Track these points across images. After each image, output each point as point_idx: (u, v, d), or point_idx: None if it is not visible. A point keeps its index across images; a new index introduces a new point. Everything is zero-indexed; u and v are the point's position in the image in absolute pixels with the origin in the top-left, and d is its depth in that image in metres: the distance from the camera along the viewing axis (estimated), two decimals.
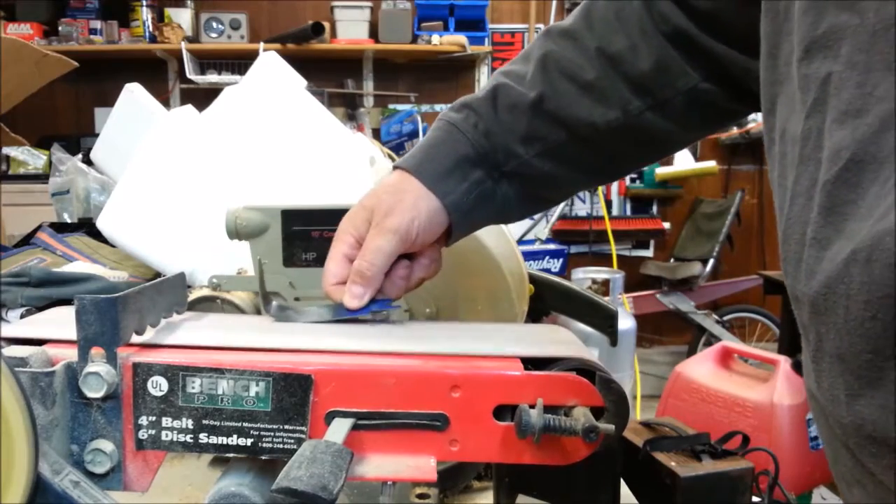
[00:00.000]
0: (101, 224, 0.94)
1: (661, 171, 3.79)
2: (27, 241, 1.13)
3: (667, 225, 3.85)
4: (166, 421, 0.42)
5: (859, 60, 0.35)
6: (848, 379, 0.35)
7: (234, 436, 0.42)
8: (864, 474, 0.37)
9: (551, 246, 3.28)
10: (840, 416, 0.36)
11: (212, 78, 3.55)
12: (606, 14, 0.61)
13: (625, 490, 0.67)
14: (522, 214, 0.66)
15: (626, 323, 2.67)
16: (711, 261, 3.56)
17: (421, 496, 0.65)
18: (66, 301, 0.79)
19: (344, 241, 0.58)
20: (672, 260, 3.81)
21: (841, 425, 0.36)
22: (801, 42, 0.39)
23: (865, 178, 0.34)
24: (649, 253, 3.97)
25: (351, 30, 3.59)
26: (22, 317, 0.79)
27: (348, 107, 3.83)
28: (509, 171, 0.61)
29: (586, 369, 0.46)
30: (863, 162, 0.34)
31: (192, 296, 0.72)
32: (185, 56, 3.44)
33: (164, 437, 0.42)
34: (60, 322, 0.47)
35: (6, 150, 3.19)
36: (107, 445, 0.42)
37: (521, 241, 3.43)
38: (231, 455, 0.43)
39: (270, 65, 1.05)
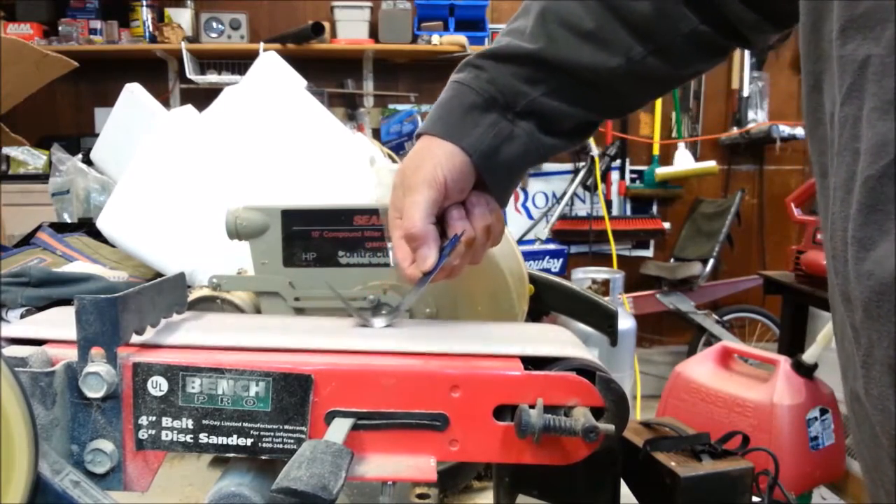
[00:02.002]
0: (101, 224, 0.94)
1: (661, 171, 3.78)
2: (27, 241, 1.13)
3: (667, 225, 3.85)
4: (166, 421, 0.42)
5: None
6: None
7: (234, 436, 0.42)
8: None
9: (551, 246, 3.28)
10: (890, 428, 0.34)
11: (212, 78, 3.55)
12: None
13: (625, 490, 0.67)
14: (553, 148, 0.64)
15: (626, 323, 2.67)
16: (711, 261, 3.56)
17: (421, 496, 0.65)
18: (66, 301, 0.79)
19: (395, 227, 0.59)
20: (672, 260, 3.80)
21: (890, 436, 0.35)
22: (838, 20, 0.37)
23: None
24: (649, 253, 3.97)
25: (351, 30, 3.59)
26: (22, 317, 0.79)
27: (348, 107, 3.83)
28: (521, 110, 0.61)
29: (586, 369, 0.46)
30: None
31: (192, 296, 0.72)
32: (185, 56, 3.44)
33: (164, 437, 0.42)
34: (60, 322, 0.47)
35: (6, 150, 3.19)
36: (107, 445, 0.42)
37: (521, 241, 3.43)
38: (231, 455, 0.43)
39: (270, 65, 1.05)
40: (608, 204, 3.83)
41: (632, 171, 3.94)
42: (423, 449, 0.44)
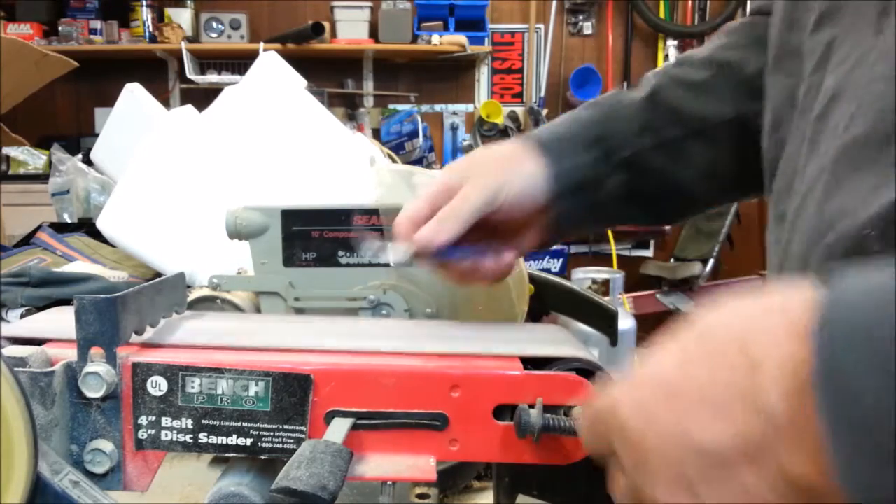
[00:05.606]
0: (101, 224, 0.94)
1: None
2: (27, 241, 1.13)
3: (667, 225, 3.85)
4: (166, 421, 0.42)
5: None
6: None
7: (234, 436, 0.42)
8: None
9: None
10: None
11: (212, 78, 3.54)
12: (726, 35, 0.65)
13: None
14: (620, 216, 0.65)
15: (626, 323, 2.66)
16: (711, 261, 3.55)
17: (421, 496, 0.66)
18: (66, 301, 0.79)
19: (434, 186, 0.57)
20: (672, 260, 3.80)
21: None
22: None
23: (834, 107, 0.41)
24: (649, 253, 3.97)
25: (351, 30, 3.59)
26: (22, 317, 0.79)
27: (348, 107, 3.83)
28: (622, 159, 0.61)
29: (586, 369, 0.46)
30: (835, 96, 0.42)
31: (192, 296, 0.72)
32: (185, 56, 3.44)
33: (163, 437, 0.42)
34: (60, 322, 0.47)
35: (6, 150, 3.19)
36: (106, 445, 0.42)
37: None
38: (231, 455, 0.43)
39: (270, 65, 1.05)
40: None
41: None
42: (422, 449, 0.44)
